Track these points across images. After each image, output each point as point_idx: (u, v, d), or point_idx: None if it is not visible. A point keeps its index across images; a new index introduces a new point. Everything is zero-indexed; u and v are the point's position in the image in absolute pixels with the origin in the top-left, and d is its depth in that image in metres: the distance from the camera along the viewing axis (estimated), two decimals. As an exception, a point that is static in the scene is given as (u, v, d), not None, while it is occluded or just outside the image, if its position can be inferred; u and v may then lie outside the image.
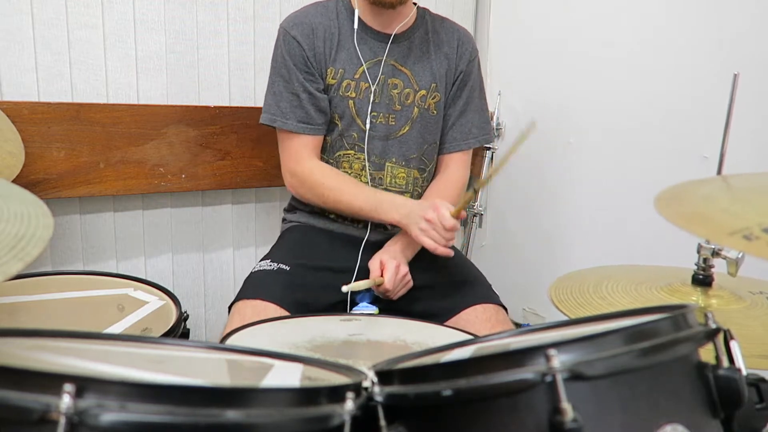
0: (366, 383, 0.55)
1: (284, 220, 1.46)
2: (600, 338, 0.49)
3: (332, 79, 1.27)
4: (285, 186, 1.35)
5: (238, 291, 1.21)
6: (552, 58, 1.76)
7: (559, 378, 0.46)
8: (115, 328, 1.03)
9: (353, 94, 1.28)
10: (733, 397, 0.53)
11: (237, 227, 1.66)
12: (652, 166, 1.52)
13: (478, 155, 1.87)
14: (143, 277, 1.27)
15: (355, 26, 1.27)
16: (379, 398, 0.54)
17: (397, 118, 1.31)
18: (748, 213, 0.65)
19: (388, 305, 1.24)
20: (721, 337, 0.58)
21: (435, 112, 1.34)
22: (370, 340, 0.97)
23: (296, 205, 1.41)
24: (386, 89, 1.30)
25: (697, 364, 0.54)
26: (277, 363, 0.65)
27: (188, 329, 1.14)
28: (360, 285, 1.16)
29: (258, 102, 1.56)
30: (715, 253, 0.87)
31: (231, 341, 0.90)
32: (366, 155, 1.31)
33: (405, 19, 1.30)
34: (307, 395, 0.47)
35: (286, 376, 0.61)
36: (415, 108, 1.32)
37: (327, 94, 1.28)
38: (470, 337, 0.97)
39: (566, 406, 0.45)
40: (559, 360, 0.46)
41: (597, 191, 1.67)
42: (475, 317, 1.20)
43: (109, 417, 0.39)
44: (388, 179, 1.33)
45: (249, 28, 1.54)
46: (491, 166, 1.87)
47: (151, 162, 1.42)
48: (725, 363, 0.57)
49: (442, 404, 0.50)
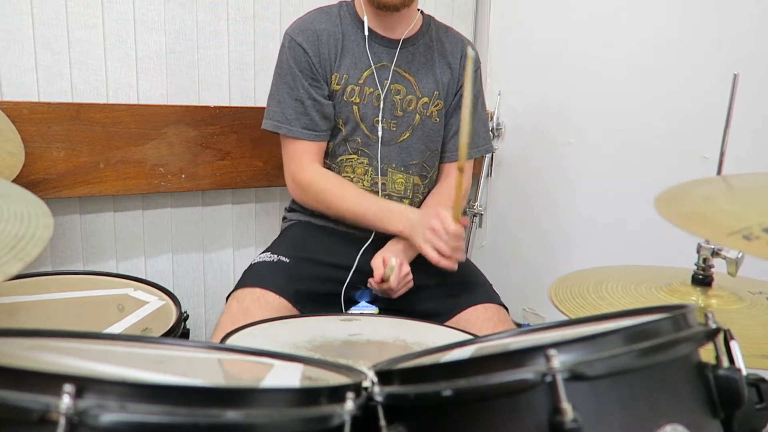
0: (366, 383, 0.55)
1: (285, 218, 1.46)
2: (600, 338, 0.49)
3: (337, 84, 1.27)
4: (285, 186, 1.35)
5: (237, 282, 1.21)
6: (552, 58, 1.76)
7: (559, 378, 0.46)
8: (115, 328, 1.03)
9: (357, 100, 1.28)
10: (733, 397, 0.53)
11: (237, 227, 1.66)
12: (652, 166, 1.52)
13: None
14: (143, 277, 1.27)
15: (366, 33, 1.27)
16: (379, 398, 0.54)
17: (398, 124, 1.31)
18: (748, 213, 0.65)
19: (388, 305, 1.24)
20: (721, 337, 0.58)
21: (437, 119, 1.34)
22: (370, 340, 0.97)
23: (297, 207, 1.41)
24: (389, 95, 1.30)
25: (697, 364, 0.54)
26: (277, 363, 0.65)
27: (188, 329, 1.14)
28: (389, 273, 1.17)
29: (258, 102, 1.56)
30: (715, 253, 0.87)
31: (231, 341, 0.90)
32: (378, 160, 1.31)
33: (410, 25, 1.30)
34: (307, 395, 0.47)
35: (286, 376, 0.61)
36: (417, 115, 1.32)
37: (332, 99, 1.28)
38: (470, 337, 0.97)
39: (566, 406, 0.45)
40: (559, 360, 0.46)
41: (597, 191, 1.67)
42: (476, 317, 1.20)
43: (109, 417, 0.39)
44: (389, 185, 1.34)
45: (249, 28, 1.54)
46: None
47: (151, 162, 1.42)
48: (725, 363, 0.57)
49: (442, 404, 0.50)
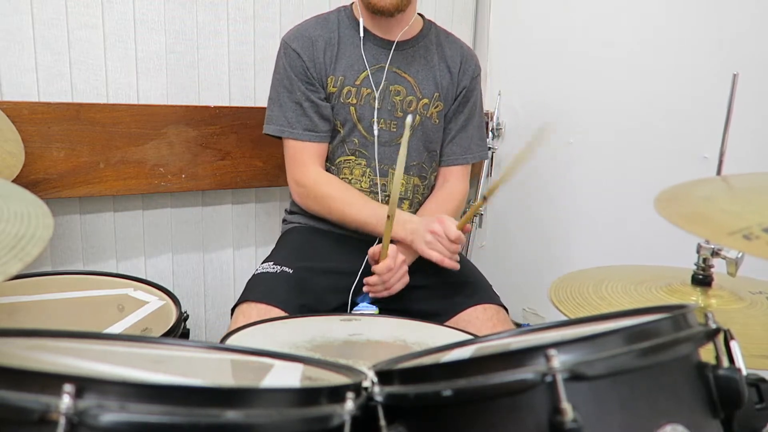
0: (366, 383, 0.55)
1: (284, 221, 1.46)
2: (600, 338, 0.49)
3: (333, 87, 1.28)
4: (285, 186, 1.35)
5: (240, 293, 1.21)
6: (552, 58, 1.76)
7: (559, 378, 0.46)
8: (115, 328, 1.03)
9: (354, 101, 1.29)
10: (733, 397, 0.53)
11: (237, 227, 1.66)
12: (652, 166, 1.52)
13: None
14: (143, 277, 1.27)
15: (361, 35, 1.28)
16: (379, 398, 0.54)
17: (398, 125, 1.31)
18: (748, 213, 0.65)
19: (388, 305, 1.24)
20: (721, 337, 0.58)
21: (437, 121, 1.35)
22: (370, 340, 0.96)
23: (297, 209, 1.41)
24: (388, 96, 1.30)
25: (697, 364, 0.54)
26: (277, 363, 0.65)
27: (188, 329, 1.14)
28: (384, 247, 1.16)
29: (258, 102, 1.56)
30: (715, 253, 0.87)
31: (231, 341, 0.90)
32: (376, 161, 1.31)
33: (407, 26, 1.30)
34: (307, 395, 0.47)
35: (286, 376, 0.61)
36: (417, 116, 1.32)
37: (329, 102, 1.29)
38: (470, 337, 0.97)
39: (566, 406, 0.45)
40: (559, 360, 0.46)
41: (597, 191, 1.67)
42: (476, 317, 1.20)
43: (109, 417, 0.39)
44: (390, 186, 1.33)
45: (249, 28, 1.54)
46: (500, 172, 1.88)
47: (151, 162, 1.42)
48: (725, 363, 0.57)
49: (442, 404, 0.50)
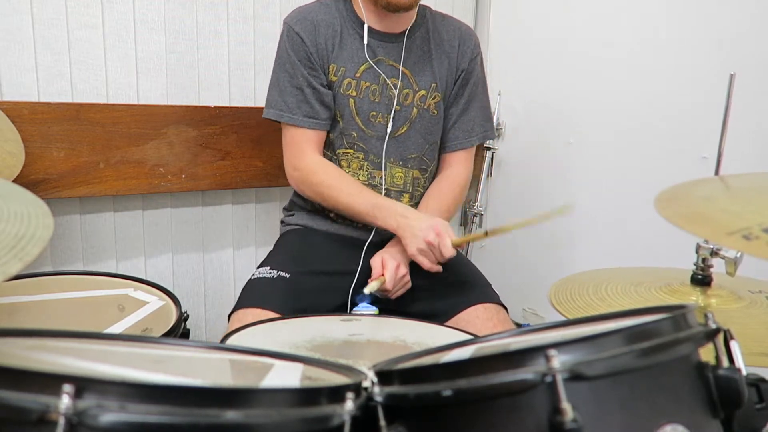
0: (366, 383, 0.55)
1: (282, 222, 1.45)
2: (600, 338, 0.49)
3: (334, 76, 1.27)
4: (285, 186, 1.35)
5: (237, 297, 1.21)
6: (552, 58, 1.76)
7: (559, 378, 0.46)
8: (115, 328, 1.03)
9: (354, 93, 1.28)
10: (733, 397, 0.53)
11: (237, 227, 1.66)
12: (652, 166, 1.52)
13: (478, 156, 1.87)
14: (143, 277, 1.27)
15: (365, 31, 1.27)
16: (379, 398, 0.54)
17: (395, 118, 1.31)
18: (748, 213, 0.65)
19: (388, 305, 1.24)
20: (720, 337, 0.58)
21: (435, 112, 1.34)
22: (370, 340, 0.97)
23: (296, 203, 1.41)
24: (386, 89, 1.30)
25: (697, 364, 0.54)
26: (277, 363, 0.65)
27: (188, 329, 1.14)
28: (374, 286, 1.16)
29: (258, 102, 1.56)
30: (714, 253, 0.87)
31: (231, 341, 0.90)
32: (374, 155, 1.31)
33: (411, 20, 1.30)
34: (307, 395, 0.47)
35: (286, 376, 0.61)
36: (414, 108, 1.32)
37: (330, 89, 1.28)
38: (470, 337, 0.97)
39: (566, 406, 0.45)
40: (559, 360, 0.46)
41: (597, 191, 1.67)
42: (476, 317, 1.20)
43: (108, 417, 0.39)
44: (388, 179, 1.33)
45: (249, 28, 1.54)
46: (514, 224, 1.71)
47: (151, 162, 1.42)
48: (725, 363, 0.57)
49: (442, 404, 0.50)
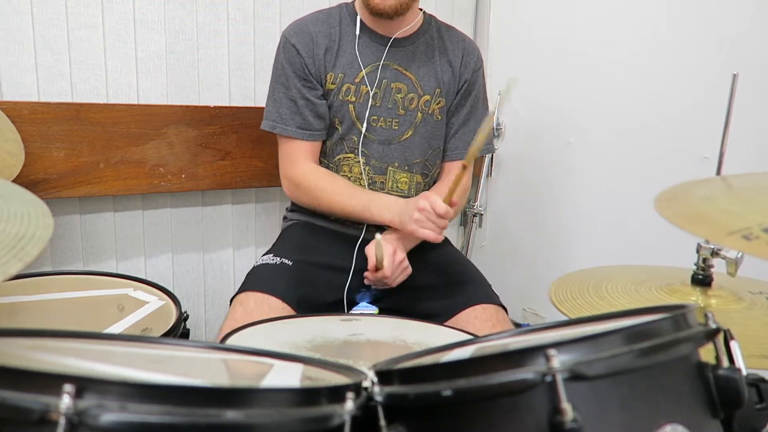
0: (366, 383, 0.55)
1: (285, 218, 1.46)
2: (600, 338, 0.49)
3: (332, 84, 1.27)
4: (284, 191, 1.36)
5: (240, 285, 1.21)
6: (552, 58, 1.76)
7: (559, 378, 0.46)
8: (115, 328, 1.03)
9: (353, 98, 1.28)
10: (733, 397, 0.53)
11: (237, 227, 1.66)
12: (652, 166, 1.52)
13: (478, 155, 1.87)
14: (143, 277, 1.27)
15: (357, 32, 1.27)
16: (379, 398, 0.54)
17: (400, 123, 1.31)
18: (748, 213, 0.65)
19: (388, 305, 1.24)
20: (721, 337, 0.57)
21: (439, 117, 1.34)
22: (370, 340, 0.97)
23: (297, 207, 1.42)
24: (389, 93, 1.29)
25: (697, 364, 0.54)
26: (277, 363, 0.65)
27: (188, 329, 1.14)
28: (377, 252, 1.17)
29: (258, 102, 1.56)
30: (715, 253, 0.87)
31: (231, 341, 0.90)
32: (375, 158, 1.31)
33: (408, 25, 1.30)
34: (307, 395, 0.47)
35: (286, 376, 0.61)
36: (419, 113, 1.32)
37: (327, 98, 1.28)
38: (470, 337, 0.97)
39: (566, 406, 0.45)
40: (559, 360, 0.46)
41: (597, 191, 1.67)
42: (475, 317, 1.20)
43: (109, 417, 0.39)
44: (390, 184, 1.33)
45: (249, 28, 1.54)
46: (484, 127, 1.83)
47: (151, 162, 1.42)
48: (725, 363, 0.57)
49: (442, 404, 0.50)
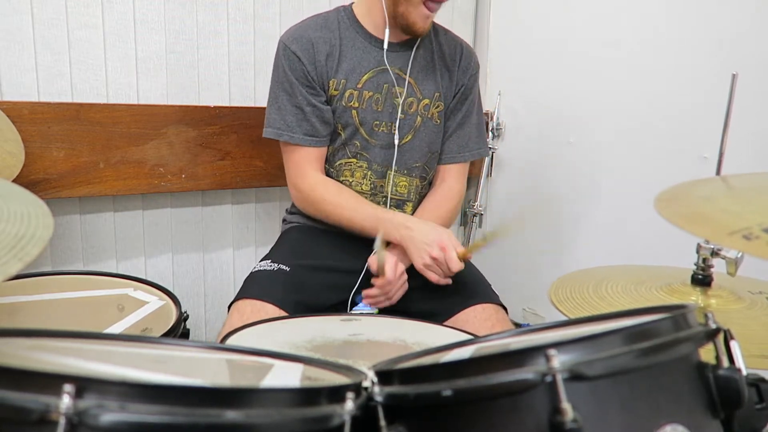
0: (366, 383, 0.55)
1: (284, 220, 1.46)
2: (600, 338, 0.49)
3: (334, 90, 1.27)
4: (285, 186, 1.35)
5: (238, 290, 1.21)
6: (552, 58, 1.76)
7: (559, 378, 0.46)
8: (115, 328, 1.03)
9: (356, 104, 1.28)
10: (733, 397, 0.53)
11: (237, 227, 1.66)
12: (652, 166, 1.52)
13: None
14: (143, 277, 1.27)
15: (385, 46, 1.26)
16: (379, 398, 0.54)
17: (400, 127, 1.31)
18: (748, 213, 0.65)
19: (387, 305, 1.24)
20: (721, 337, 0.57)
21: (438, 121, 1.34)
22: (370, 340, 0.97)
23: (297, 210, 1.41)
24: (389, 98, 1.29)
25: (697, 364, 0.54)
26: (277, 363, 0.65)
27: (188, 329, 1.14)
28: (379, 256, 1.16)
29: (258, 102, 1.56)
30: (714, 253, 0.87)
31: (231, 341, 0.90)
32: (378, 163, 1.31)
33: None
34: (307, 395, 0.47)
35: (286, 376, 0.61)
36: (418, 117, 1.32)
37: (330, 105, 1.28)
38: (470, 337, 0.97)
39: (566, 406, 0.45)
40: (559, 360, 0.46)
41: (597, 191, 1.67)
42: (475, 317, 1.20)
43: (109, 417, 0.39)
44: (389, 187, 1.33)
45: (249, 28, 1.54)
46: (509, 225, 1.81)
47: (151, 162, 1.42)
48: (725, 363, 0.57)
49: (442, 404, 0.50)
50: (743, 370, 0.56)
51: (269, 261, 1.26)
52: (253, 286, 1.19)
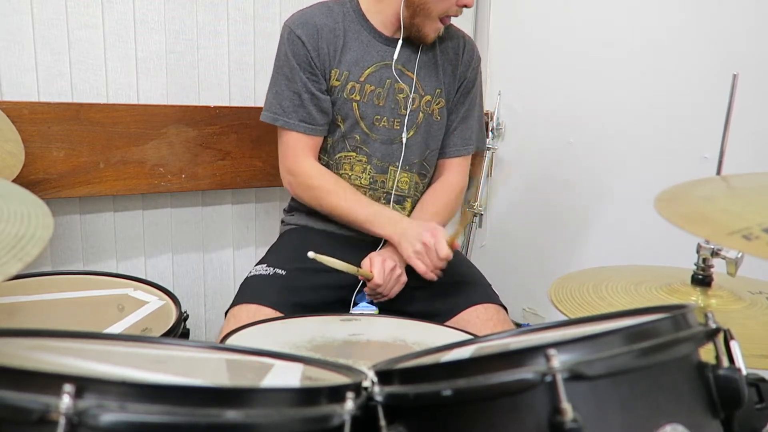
0: (366, 383, 0.55)
1: (282, 222, 1.45)
2: (600, 338, 0.49)
3: (336, 80, 1.27)
4: (285, 186, 1.35)
5: (235, 295, 1.21)
6: (552, 58, 1.76)
7: (559, 378, 0.46)
8: (115, 328, 1.03)
9: (357, 97, 1.28)
10: (733, 397, 0.53)
11: (237, 227, 1.66)
12: (652, 166, 1.52)
13: (478, 155, 1.87)
14: (143, 277, 1.27)
15: (397, 51, 1.27)
16: (379, 398, 0.54)
17: (401, 123, 1.31)
18: (748, 213, 0.65)
19: (387, 305, 1.23)
20: (721, 337, 0.57)
21: (439, 117, 1.34)
22: (370, 340, 0.97)
23: (295, 206, 1.41)
24: (392, 93, 1.29)
25: (697, 364, 0.54)
26: (277, 363, 0.65)
27: (188, 329, 1.14)
28: (332, 262, 1.13)
29: (258, 102, 1.56)
30: (715, 253, 0.87)
31: (230, 341, 0.90)
32: (366, 158, 1.31)
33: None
34: (307, 395, 0.47)
35: (286, 376, 0.61)
36: (420, 113, 1.32)
37: (330, 95, 1.28)
38: (470, 337, 0.97)
39: (566, 406, 0.45)
40: (559, 360, 0.46)
41: (597, 191, 1.67)
42: (476, 317, 1.20)
43: (109, 417, 0.39)
44: (391, 183, 1.33)
45: (249, 28, 1.54)
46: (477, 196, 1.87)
47: (151, 162, 1.42)
48: (725, 363, 0.57)
49: (442, 404, 0.50)
50: (743, 370, 0.56)
51: (264, 265, 1.25)
52: (249, 291, 1.19)
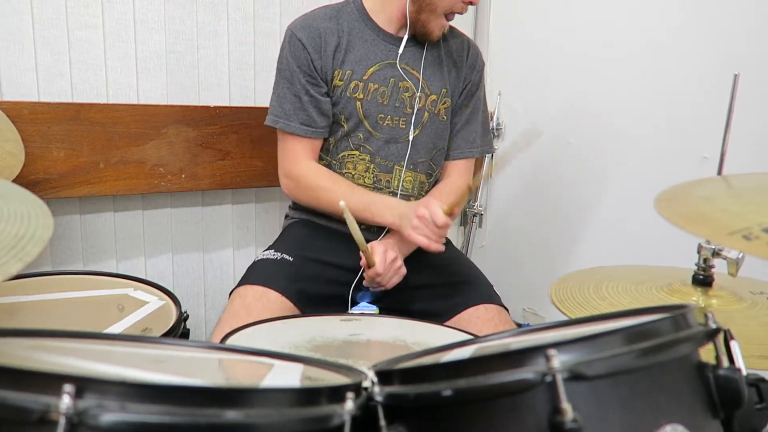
0: (366, 383, 0.55)
1: (287, 216, 1.46)
2: (600, 338, 0.49)
3: (339, 80, 1.27)
4: (283, 190, 1.36)
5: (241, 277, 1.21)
6: (552, 58, 1.76)
7: (559, 378, 0.46)
8: (115, 328, 1.03)
9: (361, 96, 1.28)
10: (733, 397, 0.53)
11: (237, 227, 1.66)
12: (652, 166, 1.52)
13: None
14: (143, 277, 1.27)
15: (402, 47, 1.27)
16: (379, 398, 0.54)
17: (407, 122, 1.31)
18: (748, 213, 0.65)
19: (388, 306, 1.24)
20: (721, 337, 0.57)
21: (445, 117, 1.34)
22: (370, 340, 0.97)
23: (299, 205, 1.41)
24: (396, 92, 1.29)
25: (697, 364, 0.54)
26: (277, 363, 0.65)
27: (188, 329, 1.14)
28: (353, 225, 1.12)
29: (258, 102, 1.56)
30: (716, 254, 0.87)
31: (231, 341, 0.90)
32: (370, 156, 1.31)
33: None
34: (307, 395, 0.47)
35: (286, 376, 0.61)
36: (426, 113, 1.32)
37: (333, 95, 1.28)
38: (470, 337, 0.97)
39: (566, 406, 0.45)
40: (559, 360, 0.46)
41: (597, 191, 1.67)
42: (477, 317, 1.20)
43: (109, 417, 0.39)
44: (396, 182, 1.33)
45: (249, 28, 1.54)
46: (490, 165, 1.88)
47: (151, 162, 1.42)
48: (725, 363, 0.57)
49: (442, 404, 0.50)
50: (743, 370, 0.56)
51: (272, 251, 1.26)
52: (257, 273, 1.20)
